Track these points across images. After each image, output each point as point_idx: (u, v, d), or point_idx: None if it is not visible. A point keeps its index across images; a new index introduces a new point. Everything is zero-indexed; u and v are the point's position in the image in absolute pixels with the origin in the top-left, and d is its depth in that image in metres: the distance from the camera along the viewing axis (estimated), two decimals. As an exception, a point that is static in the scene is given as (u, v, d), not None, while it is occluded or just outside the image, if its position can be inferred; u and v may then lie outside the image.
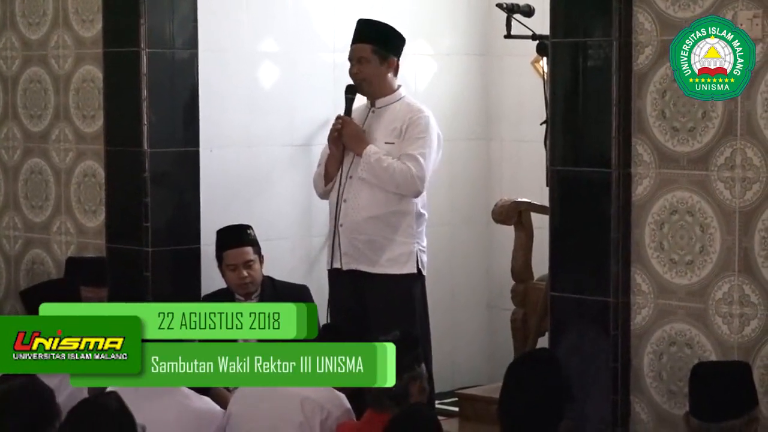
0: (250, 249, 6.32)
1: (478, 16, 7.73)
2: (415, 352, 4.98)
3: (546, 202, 5.49)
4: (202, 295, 6.53)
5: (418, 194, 6.17)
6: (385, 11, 6.69)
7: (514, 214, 6.40)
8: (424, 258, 6.29)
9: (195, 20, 6.53)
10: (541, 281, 6.10)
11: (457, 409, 6.38)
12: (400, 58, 6.34)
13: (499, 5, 6.19)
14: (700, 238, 4.91)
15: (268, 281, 6.42)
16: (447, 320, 7.27)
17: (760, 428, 4.24)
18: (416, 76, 7.45)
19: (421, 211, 6.27)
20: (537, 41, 6.05)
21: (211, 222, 6.57)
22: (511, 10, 6.11)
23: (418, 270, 6.26)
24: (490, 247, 7.79)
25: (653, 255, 5.02)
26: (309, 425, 4.95)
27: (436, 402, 6.47)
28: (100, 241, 6.75)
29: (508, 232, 6.55)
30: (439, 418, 5.05)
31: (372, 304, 6.18)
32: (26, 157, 7.17)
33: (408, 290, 6.23)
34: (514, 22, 6.10)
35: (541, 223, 5.96)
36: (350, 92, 6.31)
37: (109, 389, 4.85)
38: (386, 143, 6.19)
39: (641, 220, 5.04)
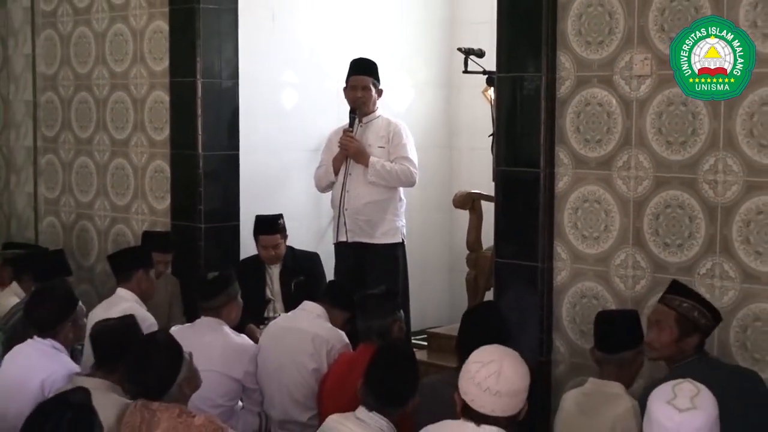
0: (278, 236, 6.31)
1: (444, 57, 7.73)
2: (395, 302, 4.99)
3: (492, 193, 5.49)
4: (241, 259, 6.54)
5: (414, 184, 6.34)
6: (377, 53, 6.68)
7: (469, 201, 6.40)
8: (404, 231, 6.38)
9: (236, 58, 6.54)
10: (489, 251, 6.10)
11: (426, 343, 6.38)
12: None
13: (459, 49, 6.17)
14: (605, 220, 4.91)
15: (289, 250, 6.42)
16: (420, 279, 7.27)
17: (645, 359, 4.25)
18: (398, 100, 7.45)
19: (402, 197, 6.35)
20: (486, 76, 6.04)
21: (247, 206, 6.59)
22: (467, 52, 6.09)
23: (402, 240, 6.31)
24: (451, 226, 7.80)
25: (570, 232, 5.02)
26: (318, 354, 4.96)
27: (412, 338, 6.49)
28: (167, 219, 6.75)
29: (464, 215, 6.55)
30: (414, 349, 5.06)
31: (370, 266, 6.22)
32: (112, 158, 7.16)
33: (395, 255, 6.29)
34: (470, 62, 6.09)
35: (488, 209, 5.95)
36: (353, 112, 6.32)
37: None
38: (379, 147, 6.25)
39: (561, 207, 5.04)
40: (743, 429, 3.61)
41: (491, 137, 5.78)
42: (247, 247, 6.53)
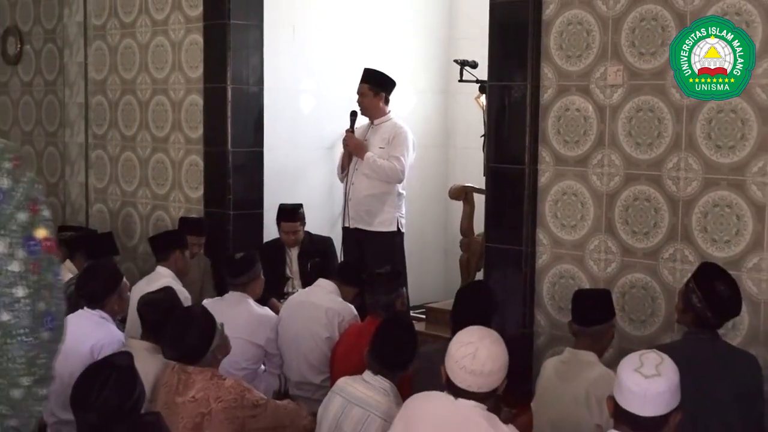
0: (298, 223, 6.29)
1: (442, 67, 7.69)
2: (399, 280, 4.98)
3: (483, 186, 5.47)
4: (264, 242, 6.52)
5: (400, 181, 6.22)
6: (385, 63, 6.65)
7: (463, 193, 6.38)
8: (402, 221, 6.33)
9: (262, 67, 6.52)
10: (479, 236, 6.08)
11: (424, 316, 6.37)
12: (391, 93, 6.34)
13: (455, 61, 6.16)
14: (581, 210, 4.90)
15: (307, 235, 6.41)
16: (419, 260, 7.26)
17: (615, 332, 4.23)
18: (403, 105, 7.39)
19: (401, 191, 6.30)
20: (479, 84, 6.02)
21: (270, 196, 6.57)
22: (462, 63, 6.07)
23: (398, 229, 6.28)
24: (447, 214, 7.77)
25: (551, 221, 5.01)
26: (330, 325, 4.96)
27: (411, 311, 6.48)
28: (200, 207, 6.74)
29: (459, 205, 6.53)
30: (413, 322, 5.05)
31: (367, 250, 6.20)
32: (153, 153, 7.14)
33: (390, 242, 6.25)
34: (464, 72, 6.07)
35: (479, 200, 5.93)
36: (353, 115, 6.33)
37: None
38: (380, 148, 6.21)
39: (543, 199, 5.03)
40: (725, 405, 3.57)
41: (483, 138, 5.76)
42: (270, 231, 6.52)
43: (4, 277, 1.98)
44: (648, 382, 2.76)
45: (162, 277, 5.39)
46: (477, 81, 6.05)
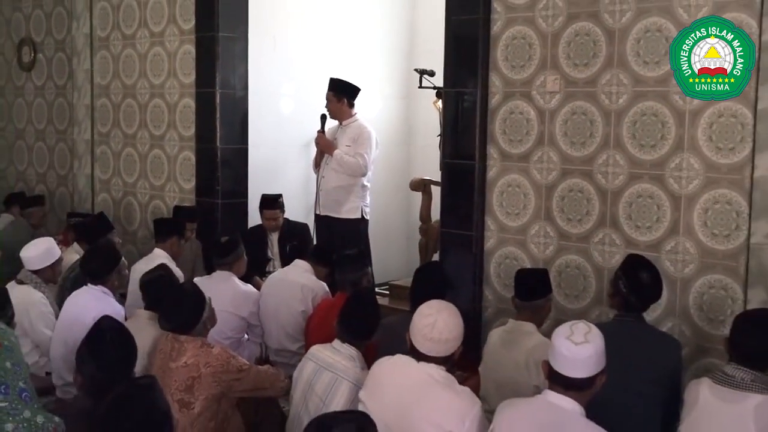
0: (278, 211, 6.26)
1: (404, 75, 7.68)
2: (365, 260, 4.98)
3: (439, 179, 5.46)
4: (248, 227, 6.48)
5: (363, 175, 6.21)
6: (355, 72, 6.63)
7: (422, 185, 6.39)
8: (366, 209, 6.31)
9: (246, 74, 6.47)
10: (436, 223, 6.08)
11: (388, 292, 6.37)
12: (354, 98, 6.31)
13: (416, 70, 6.15)
14: (524, 200, 4.91)
15: (285, 221, 6.37)
16: (384, 244, 7.25)
17: (552, 305, 4.23)
18: (370, 109, 7.36)
19: (365, 183, 6.28)
20: (436, 90, 6.01)
21: (254, 187, 6.52)
22: (422, 72, 6.07)
23: (362, 216, 6.27)
24: (408, 204, 7.76)
25: (497, 209, 5.01)
26: (305, 300, 4.94)
27: (376, 288, 6.47)
28: (192, 197, 6.69)
29: (418, 195, 6.53)
30: (377, 297, 5.04)
31: (336, 234, 6.19)
32: (151, 149, 7.07)
33: (356, 227, 6.24)
34: (423, 80, 6.06)
35: (436, 191, 5.93)
36: (323, 118, 6.32)
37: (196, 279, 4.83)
38: (346, 146, 6.20)
39: (491, 190, 5.03)
40: (647, 383, 3.55)
41: (439, 137, 5.75)
42: (254, 218, 6.48)
43: None
44: (577, 348, 2.77)
45: (158, 258, 5.34)
46: (434, 88, 6.05)
